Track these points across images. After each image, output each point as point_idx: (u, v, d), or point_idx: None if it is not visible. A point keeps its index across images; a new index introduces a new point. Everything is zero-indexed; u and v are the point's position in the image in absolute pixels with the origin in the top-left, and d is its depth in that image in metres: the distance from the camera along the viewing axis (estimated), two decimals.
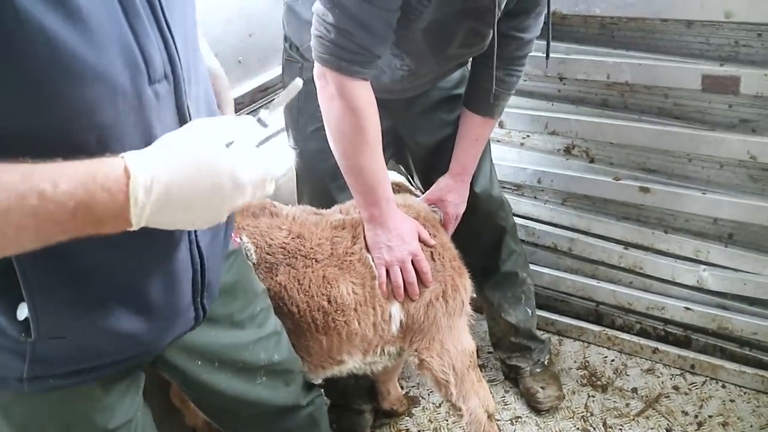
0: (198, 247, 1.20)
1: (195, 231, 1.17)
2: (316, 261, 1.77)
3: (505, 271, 2.46)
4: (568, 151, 2.65)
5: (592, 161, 2.61)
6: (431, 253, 1.89)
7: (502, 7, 1.78)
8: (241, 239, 1.74)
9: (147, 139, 0.99)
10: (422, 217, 1.96)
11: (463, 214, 2.17)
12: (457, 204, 2.14)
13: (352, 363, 1.88)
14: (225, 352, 1.47)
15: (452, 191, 2.13)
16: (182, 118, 1.06)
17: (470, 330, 2.03)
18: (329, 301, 1.75)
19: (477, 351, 2.04)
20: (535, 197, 2.82)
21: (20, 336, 1.06)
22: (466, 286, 1.94)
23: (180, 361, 1.42)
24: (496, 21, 1.77)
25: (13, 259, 0.98)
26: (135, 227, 0.89)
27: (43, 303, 1.03)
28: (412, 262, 1.82)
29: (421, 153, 2.25)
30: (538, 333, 2.65)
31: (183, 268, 1.18)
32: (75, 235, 0.86)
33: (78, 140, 0.92)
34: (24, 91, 0.85)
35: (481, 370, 2.44)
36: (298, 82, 1.11)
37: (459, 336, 1.95)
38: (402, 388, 2.64)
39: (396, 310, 1.83)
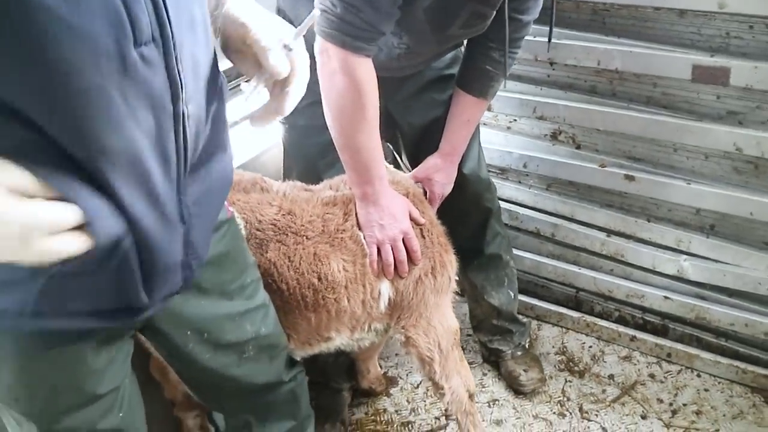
0: (186, 205, 1.18)
1: (181, 189, 1.14)
2: (306, 238, 1.75)
3: (490, 254, 2.46)
4: (554, 136, 2.64)
5: (578, 147, 2.61)
6: (420, 230, 1.89)
7: None
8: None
9: (133, 102, 0.96)
10: (411, 194, 1.95)
11: (451, 194, 2.16)
12: (444, 184, 2.14)
13: (340, 340, 1.88)
14: (213, 323, 1.46)
15: (440, 171, 2.12)
16: (173, 83, 1.02)
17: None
18: (320, 279, 1.74)
19: None
20: (520, 181, 2.82)
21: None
22: (452, 262, 1.95)
23: (170, 330, 1.41)
24: (505, 3, 1.75)
25: None
26: None
27: None
28: (403, 240, 1.82)
29: (411, 132, 2.24)
30: (519, 316, 2.66)
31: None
32: None
33: (64, 103, 0.89)
34: (1, 53, 0.82)
35: None
36: (316, 12, 1.13)
37: (444, 313, 1.96)
38: (381, 367, 2.64)
39: (385, 288, 1.83)
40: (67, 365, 1.24)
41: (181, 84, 1.04)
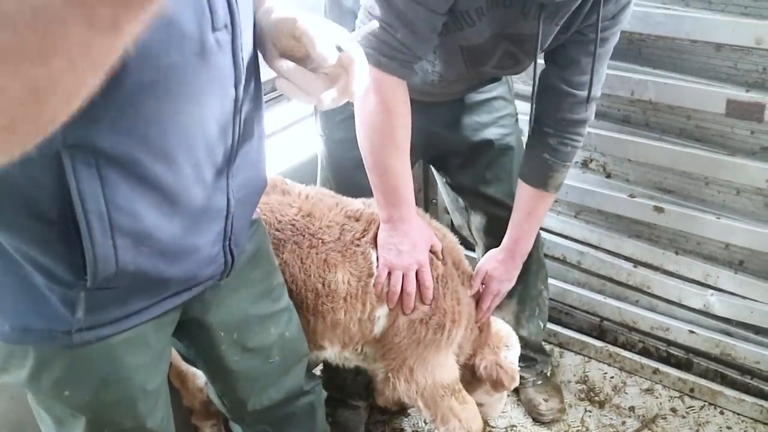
0: (231, 189, 1.24)
1: (229, 172, 1.21)
2: (322, 242, 1.77)
3: (529, 284, 2.42)
4: (585, 164, 2.64)
5: (608, 176, 2.60)
6: (436, 276, 1.86)
7: (548, 41, 1.76)
8: None
9: (205, 83, 1.07)
10: (447, 246, 1.94)
11: (498, 225, 2.13)
12: (502, 281, 2.08)
13: (331, 351, 1.89)
14: (243, 324, 1.50)
15: (499, 266, 2.08)
16: (236, 66, 1.12)
17: None
18: (323, 285, 1.76)
19: None
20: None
21: (78, 281, 1.11)
22: (452, 334, 1.89)
23: (204, 330, 1.47)
24: (537, 51, 1.74)
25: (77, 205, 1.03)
26: None
27: (102, 252, 1.08)
28: (417, 273, 1.81)
29: (459, 150, 2.21)
30: (544, 346, 2.64)
31: (217, 207, 1.23)
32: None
33: (148, 78, 0.98)
34: None
35: None
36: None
37: (432, 370, 1.91)
38: None
39: (383, 314, 1.82)
40: (116, 358, 1.28)
41: (243, 66, 1.14)
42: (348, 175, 2.06)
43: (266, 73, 1.26)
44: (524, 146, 2.09)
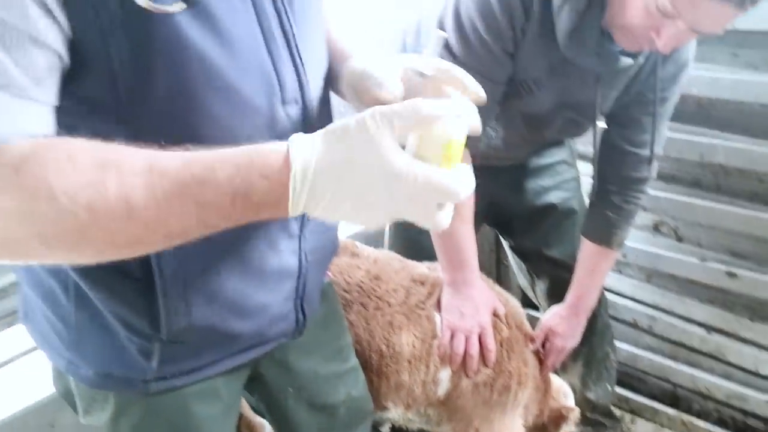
0: (304, 251, 1.27)
1: (301, 237, 1.24)
2: (388, 305, 1.81)
3: (594, 347, 2.39)
4: (656, 228, 2.61)
5: (680, 240, 2.57)
6: (500, 340, 1.87)
7: (608, 104, 1.79)
8: None
9: None
10: (509, 310, 1.95)
11: (562, 288, 2.13)
12: (566, 337, 2.08)
13: (395, 412, 1.89)
14: (313, 382, 1.53)
15: (562, 322, 2.08)
16: None
17: None
18: (387, 346, 1.78)
19: None
20: (620, 271, 2.78)
21: (155, 333, 1.15)
22: (518, 396, 1.89)
23: (274, 384, 1.50)
24: (596, 118, 1.77)
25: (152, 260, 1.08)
26: (292, 215, 0.86)
27: (176, 308, 1.13)
28: (480, 336, 1.82)
29: (522, 213, 2.24)
30: (614, 410, 2.59)
31: (289, 268, 1.26)
32: (236, 221, 0.85)
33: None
34: (179, 106, 0.95)
35: None
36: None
37: (498, 430, 1.91)
38: None
39: (446, 376, 1.83)
40: (190, 407, 1.32)
41: None
42: (414, 239, 2.11)
43: None
44: (587, 207, 2.10)
